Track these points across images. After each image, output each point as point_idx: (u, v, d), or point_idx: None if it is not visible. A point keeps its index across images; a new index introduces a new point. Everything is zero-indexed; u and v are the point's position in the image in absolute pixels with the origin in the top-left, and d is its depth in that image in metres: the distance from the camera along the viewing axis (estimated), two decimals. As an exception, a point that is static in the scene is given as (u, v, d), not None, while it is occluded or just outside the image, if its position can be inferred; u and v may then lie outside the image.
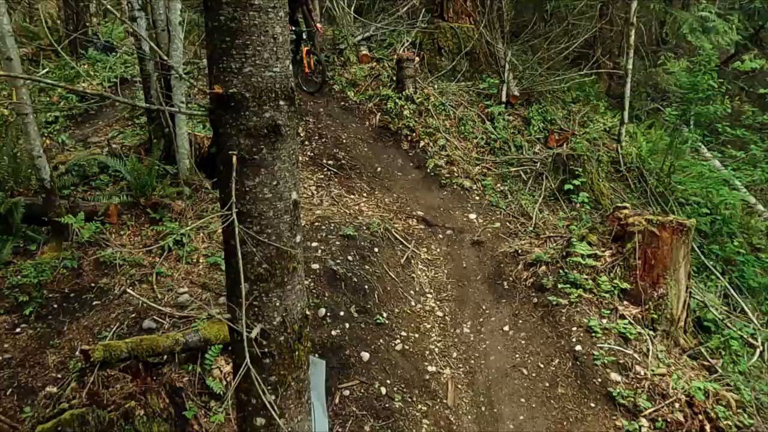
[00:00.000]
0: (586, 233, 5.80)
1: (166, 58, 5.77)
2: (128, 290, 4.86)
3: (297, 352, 2.06)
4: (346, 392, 4.44)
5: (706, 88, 7.20)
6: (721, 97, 7.28)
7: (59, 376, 3.94)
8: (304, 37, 9.10)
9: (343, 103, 9.28)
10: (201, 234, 5.87)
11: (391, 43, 10.61)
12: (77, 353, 3.95)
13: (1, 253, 5.10)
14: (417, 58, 9.52)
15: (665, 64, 9.87)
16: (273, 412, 1.99)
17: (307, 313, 2.09)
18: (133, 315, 4.81)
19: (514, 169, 8.01)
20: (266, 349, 1.96)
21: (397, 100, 9.10)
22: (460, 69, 9.99)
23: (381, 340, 4.96)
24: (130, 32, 10.51)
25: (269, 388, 2.00)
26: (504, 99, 9.23)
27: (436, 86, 9.56)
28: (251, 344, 1.89)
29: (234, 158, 1.81)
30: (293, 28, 8.88)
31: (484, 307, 5.66)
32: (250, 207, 1.88)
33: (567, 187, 7.28)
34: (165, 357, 3.93)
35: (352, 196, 7.25)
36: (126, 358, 3.62)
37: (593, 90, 10.39)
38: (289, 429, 2.09)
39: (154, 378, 3.62)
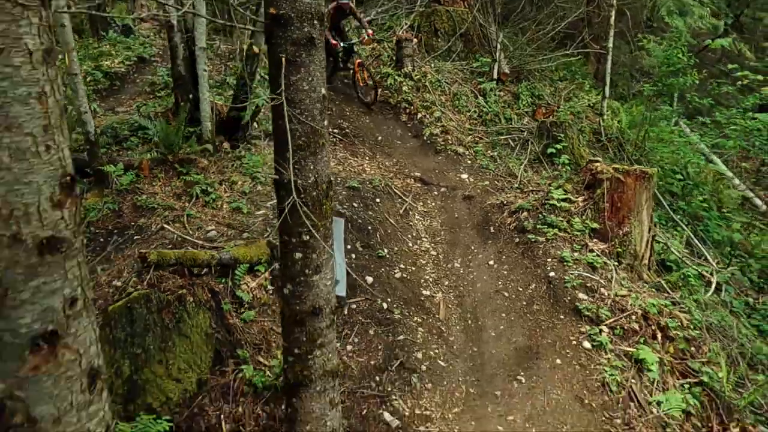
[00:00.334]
0: (562, 183, 6.64)
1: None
2: (165, 225, 5.69)
3: (324, 206, 2.90)
4: (354, 306, 5.28)
5: (677, 62, 8.02)
6: (690, 69, 8.10)
7: (112, 291, 4.77)
8: (355, 49, 9.30)
9: (346, 80, 10.10)
10: (223, 185, 6.70)
11: (390, 26, 11.45)
12: (135, 257, 4.79)
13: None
14: (415, 39, 10.36)
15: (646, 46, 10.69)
16: (308, 250, 2.83)
17: (331, 179, 2.93)
18: (170, 247, 5.64)
19: (503, 137, 8.84)
20: (303, 200, 2.79)
21: (396, 77, 9.94)
22: (455, 49, 10.82)
23: (382, 269, 5.80)
24: (146, 16, 11.34)
25: (305, 230, 2.84)
26: (495, 76, 10.08)
27: (432, 65, 10.40)
28: (292, 194, 2.73)
29: (283, 59, 2.65)
30: (342, 43, 9.09)
31: (472, 248, 6.50)
32: (293, 96, 2.71)
33: (550, 150, 8.12)
34: (204, 269, 4.76)
35: (355, 159, 8.08)
36: (174, 264, 4.46)
37: (579, 70, 11.22)
38: (318, 262, 2.93)
39: (197, 280, 4.46)
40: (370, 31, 9.19)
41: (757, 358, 5.71)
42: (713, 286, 6.51)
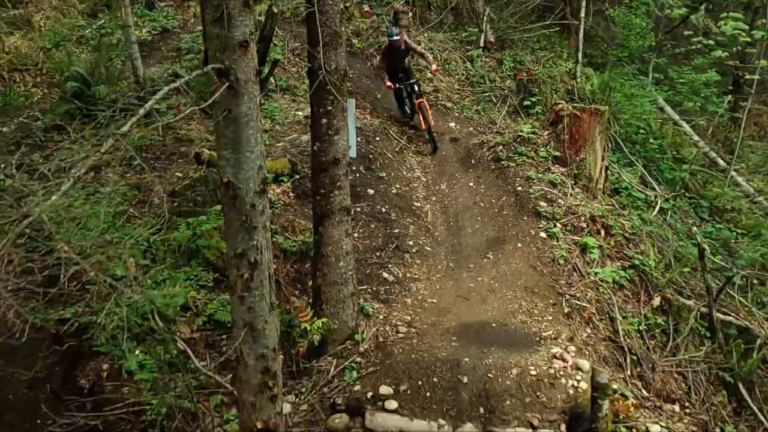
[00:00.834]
0: (532, 122, 8.04)
1: None
2: (203, 150, 7.06)
3: (341, 87, 4.28)
4: (359, 209, 6.66)
5: (635, 26, 9.41)
6: (648, 33, 9.48)
7: (176, 179, 6.14)
8: (416, 89, 8.58)
9: (349, 48, 11.47)
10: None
11: (388, 2, 12.80)
12: (192, 156, 6.17)
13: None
14: (410, 12, 11.74)
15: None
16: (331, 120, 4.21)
17: (347, 69, 4.31)
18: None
19: (486, 95, 10.22)
20: (328, 80, 4.17)
21: (393, 45, 11.29)
22: (446, 21, 12.19)
23: (381, 186, 7.19)
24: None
25: (329, 101, 4.22)
26: (482, 45, 11.45)
27: (426, 35, 11.77)
28: (322, 72, 4.11)
29: (316, -17, 4.03)
30: (397, 84, 8.59)
31: (456, 175, 7.89)
32: (321, 7, 4.09)
33: (526, 103, 9.52)
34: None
35: (358, 110, 9.43)
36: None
37: (558, 41, 12.59)
38: (337, 126, 4.31)
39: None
40: (434, 67, 8.78)
41: (684, 257, 7.08)
42: (657, 207, 7.89)
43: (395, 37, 8.46)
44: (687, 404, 5.42)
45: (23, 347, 5.40)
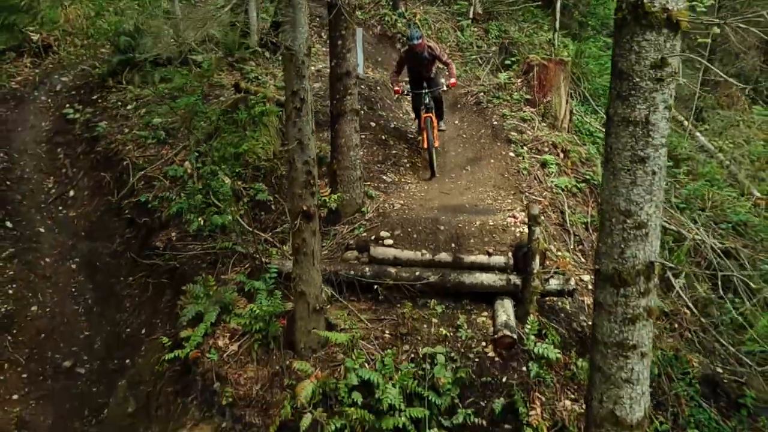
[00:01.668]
0: (509, 73, 9.70)
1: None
2: (240, 81, 8.67)
3: (352, 16, 5.94)
4: (363, 137, 8.30)
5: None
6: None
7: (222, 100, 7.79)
8: (426, 100, 7.80)
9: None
10: (268, 75, 9.72)
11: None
12: (231, 84, 7.83)
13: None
14: (408, -12, 13.36)
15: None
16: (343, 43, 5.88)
17: (356, 3, 5.96)
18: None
19: (474, 57, 11.89)
20: (343, 9, 5.81)
21: (392, 16, 12.98)
22: (440, -4, 13.85)
23: (381, 121, 8.85)
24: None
25: (343, 26, 5.87)
26: (471, 16, 13.12)
27: (421, 8, 13.43)
28: (338, 4, 5.76)
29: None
30: (407, 90, 8.12)
31: (445, 118, 9.54)
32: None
33: (506, 62, 11.19)
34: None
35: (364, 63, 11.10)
36: (256, 93, 7.51)
37: (540, 15, 14.25)
38: (349, 47, 5.96)
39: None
40: (453, 80, 7.92)
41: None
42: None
43: (416, 41, 7.51)
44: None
45: (105, 229, 7.11)
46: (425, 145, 7.71)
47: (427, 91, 7.90)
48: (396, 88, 8.14)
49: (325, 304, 4.88)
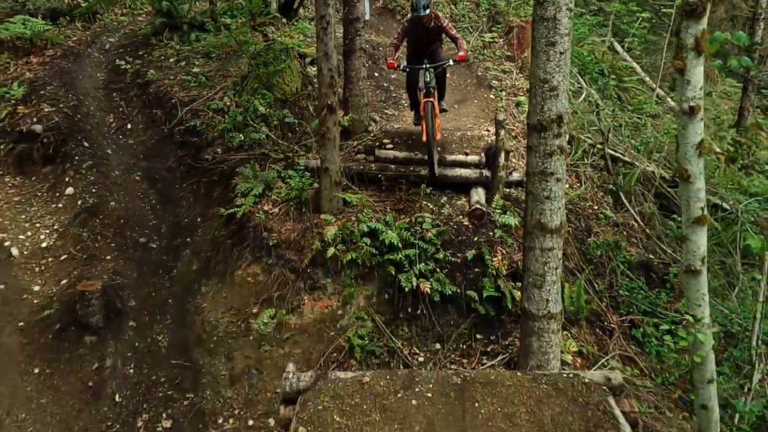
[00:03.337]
0: (493, 34, 11.54)
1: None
2: (268, 33, 10.51)
3: (361, -25, 7.78)
4: (368, 83, 10.15)
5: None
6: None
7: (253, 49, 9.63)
8: (427, 78, 6.88)
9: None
10: (287, 37, 11.55)
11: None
12: (261, 35, 9.67)
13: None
14: (406, -34, 15.16)
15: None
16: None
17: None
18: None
19: (465, 26, 13.73)
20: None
21: (392, -9, 14.79)
22: (436, -26, 15.65)
23: (384, 72, 10.69)
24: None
25: (354, -18, 7.71)
26: (464, -8, 14.91)
27: (419, -15, 15.24)
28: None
29: None
30: (404, 65, 7.18)
31: (437, 72, 11.37)
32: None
33: (492, 29, 13.01)
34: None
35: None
36: (285, 49, 9.36)
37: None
38: (358, 4, 7.78)
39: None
40: (461, 53, 6.90)
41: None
42: (584, 95, 11.36)
43: (423, 12, 6.65)
44: (580, 189, 8.92)
45: (160, 152, 8.97)
46: (424, 138, 6.78)
47: (428, 66, 6.94)
48: (390, 60, 6.97)
49: (342, 179, 6.74)
